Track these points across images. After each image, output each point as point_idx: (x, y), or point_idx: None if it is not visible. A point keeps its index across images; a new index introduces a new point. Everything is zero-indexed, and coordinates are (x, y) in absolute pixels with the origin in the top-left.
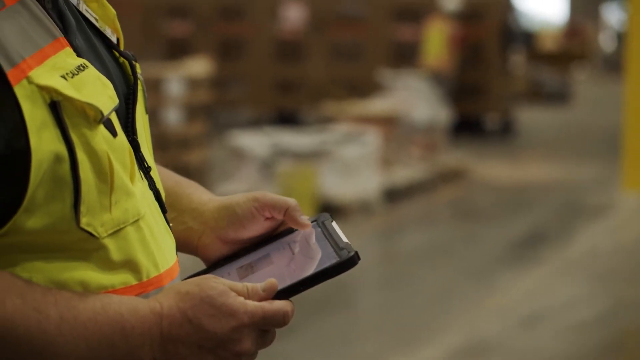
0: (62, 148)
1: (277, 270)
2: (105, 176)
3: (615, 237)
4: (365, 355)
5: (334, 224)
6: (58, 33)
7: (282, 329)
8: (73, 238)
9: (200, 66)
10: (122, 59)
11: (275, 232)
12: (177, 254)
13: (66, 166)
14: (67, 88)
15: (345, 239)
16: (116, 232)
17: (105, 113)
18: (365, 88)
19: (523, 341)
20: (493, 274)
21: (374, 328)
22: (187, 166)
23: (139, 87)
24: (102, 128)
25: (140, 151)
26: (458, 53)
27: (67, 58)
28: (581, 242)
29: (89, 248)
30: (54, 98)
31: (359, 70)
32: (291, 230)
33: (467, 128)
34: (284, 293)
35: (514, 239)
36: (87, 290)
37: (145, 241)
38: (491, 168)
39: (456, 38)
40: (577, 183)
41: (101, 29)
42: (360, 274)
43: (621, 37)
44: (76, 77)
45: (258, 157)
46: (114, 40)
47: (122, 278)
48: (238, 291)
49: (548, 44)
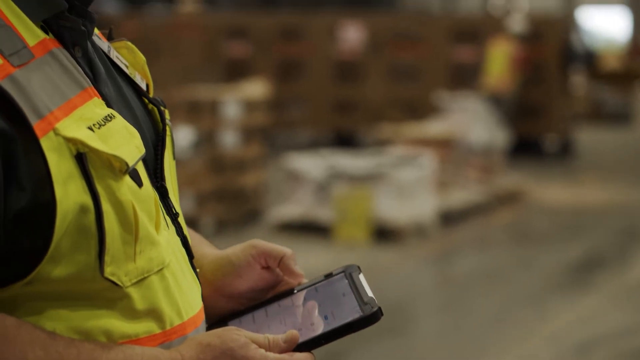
0: (88, 199)
1: (296, 322)
2: (130, 226)
3: None
4: None
5: (361, 277)
6: (87, 83)
7: (340, 354)
8: (97, 287)
9: (257, 88)
10: (151, 106)
11: (283, 287)
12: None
13: (91, 217)
14: (93, 140)
15: (370, 294)
16: (140, 281)
17: (130, 164)
18: (422, 109)
19: None
20: (548, 300)
21: (428, 353)
22: (243, 189)
23: (168, 134)
24: (128, 179)
25: (168, 197)
26: (520, 74)
27: (95, 108)
28: (639, 268)
29: (113, 297)
30: (80, 150)
31: (417, 91)
32: (310, 283)
33: (526, 149)
34: (305, 345)
35: (570, 264)
36: (111, 338)
37: (169, 290)
38: (549, 190)
39: (519, 59)
40: (637, 207)
41: (131, 76)
42: (414, 298)
43: None
44: (103, 128)
45: (314, 180)
46: (144, 86)
47: (146, 327)
48: (259, 343)
49: (610, 63)
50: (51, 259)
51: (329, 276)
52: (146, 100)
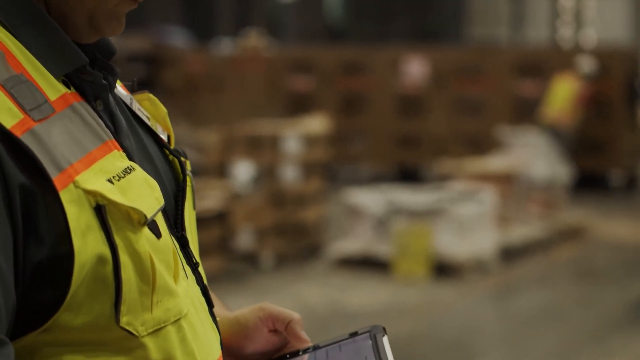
0: (106, 250)
1: None
2: (147, 277)
3: None
4: None
5: (385, 339)
6: (107, 136)
7: None
8: (113, 336)
9: (318, 123)
10: (172, 157)
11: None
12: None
13: (109, 267)
14: (113, 192)
15: (391, 358)
16: (156, 331)
17: (149, 216)
18: (485, 144)
19: None
20: (609, 338)
21: None
22: (303, 223)
23: (189, 184)
24: (146, 230)
25: (188, 247)
26: (583, 111)
27: (115, 161)
28: None
29: (129, 346)
30: (100, 202)
31: (479, 125)
32: (335, 340)
33: (590, 184)
34: None
35: (633, 302)
36: None
37: (185, 340)
38: (613, 226)
39: (584, 97)
40: None
41: (152, 127)
42: (474, 335)
43: None
44: (123, 180)
45: (373, 215)
46: (165, 138)
47: None
48: None
49: None
50: (68, 308)
51: (354, 335)
52: (167, 151)
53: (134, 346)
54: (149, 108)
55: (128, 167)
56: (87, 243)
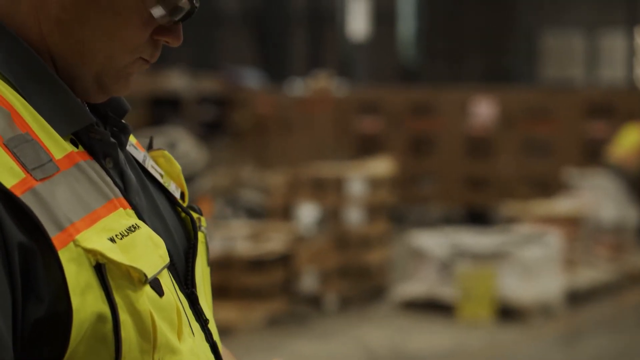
0: (106, 309)
1: None
2: (148, 335)
3: None
4: None
5: None
6: (113, 194)
7: None
8: None
9: (383, 165)
10: (184, 214)
11: None
12: None
13: (109, 326)
14: (113, 251)
15: None
16: None
17: (150, 275)
18: (553, 186)
19: None
20: None
21: None
22: (368, 266)
23: (202, 241)
24: (148, 288)
25: (198, 304)
26: None
27: (120, 219)
28: None
29: None
30: (99, 260)
31: (548, 167)
32: None
33: None
34: None
35: None
36: None
37: None
38: None
39: None
40: None
41: (165, 185)
42: None
43: None
44: (126, 238)
45: (437, 258)
46: (177, 195)
47: None
48: None
49: None
50: None
51: None
52: (179, 208)
53: None
54: (164, 165)
55: (133, 225)
56: (86, 301)
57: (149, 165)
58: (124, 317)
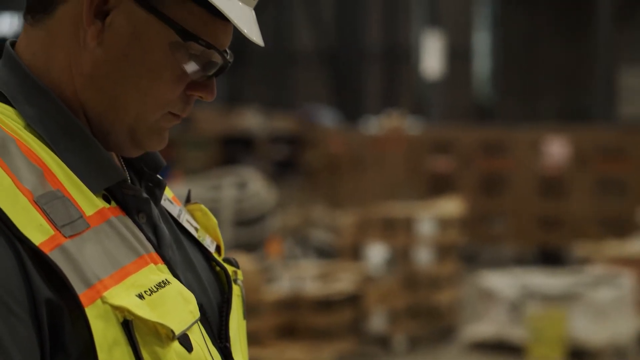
0: None
1: None
2: None
3: None
4: None
5: None
6: (144, 249)
7: None
8: None
9: (453, 205)
10: (218, 268)
11: None
12: None
13: None
14: (140, 307)
15: None
16: None
17: (178, 332)
18: (627, 226)
19: None
20: None
21: None
22: (437, 306)
23: (238, 294)
24: (176, 344)
25: (231, 358)
26: None
27: (150, 275)
28: None
29: None
30: (127, 317)
31: (622, 207)
32: None
33: None
34: None
35: None
36: None
37: None
38: None
39: None
40: None
41: (199, 239)
42: None
43: None
44: (155, 294)
45: (507, 299)
46: (212, 249)
47: None
48: None
49: None
50: None
51: None
52: (213, 262)
53: None
54: (201, 219)
55: (163, 281)
56: (114, 358)
57: (184, 219)
58: None
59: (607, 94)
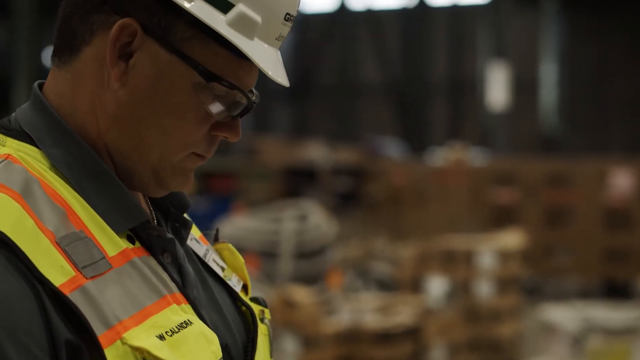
0: None
1: None
2: None
3: None
4: None
5: None
6: (167, 290)
7: None
8: None
9: (514, 238)
10: (244, 308)
11: None
12: None
13: None
14: (159, 348)
15: None
16: None
17: None
18: None
19: None
20: None
21: None
22: (498, 340)
23: (264, 333)
24: None
25: None
26: None
27: (172, 315)
28: None
29: None
30: (146, 358)
31: None
32: None
33: None
34: None
35: None
36: None
37: None
38: None
39: None
40: None
41: (225, 279)
42: None
43: None
44: (176, 335)
45: (568, 332)
46: (239, 288)
47: None
48: None
49: None
50: None
51: None
52: (239, 302)
53: None
54: (229, 257)
55: (185, 322)
56: None
57: (210, 259)
58: None
59: None
